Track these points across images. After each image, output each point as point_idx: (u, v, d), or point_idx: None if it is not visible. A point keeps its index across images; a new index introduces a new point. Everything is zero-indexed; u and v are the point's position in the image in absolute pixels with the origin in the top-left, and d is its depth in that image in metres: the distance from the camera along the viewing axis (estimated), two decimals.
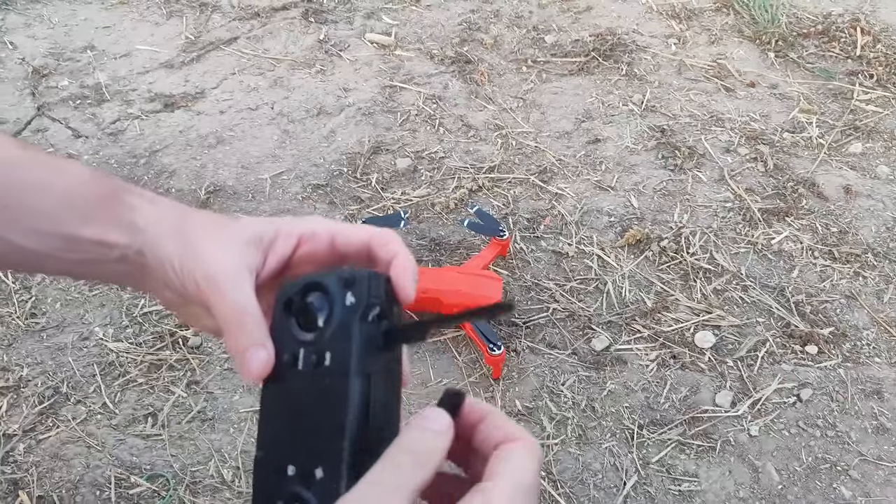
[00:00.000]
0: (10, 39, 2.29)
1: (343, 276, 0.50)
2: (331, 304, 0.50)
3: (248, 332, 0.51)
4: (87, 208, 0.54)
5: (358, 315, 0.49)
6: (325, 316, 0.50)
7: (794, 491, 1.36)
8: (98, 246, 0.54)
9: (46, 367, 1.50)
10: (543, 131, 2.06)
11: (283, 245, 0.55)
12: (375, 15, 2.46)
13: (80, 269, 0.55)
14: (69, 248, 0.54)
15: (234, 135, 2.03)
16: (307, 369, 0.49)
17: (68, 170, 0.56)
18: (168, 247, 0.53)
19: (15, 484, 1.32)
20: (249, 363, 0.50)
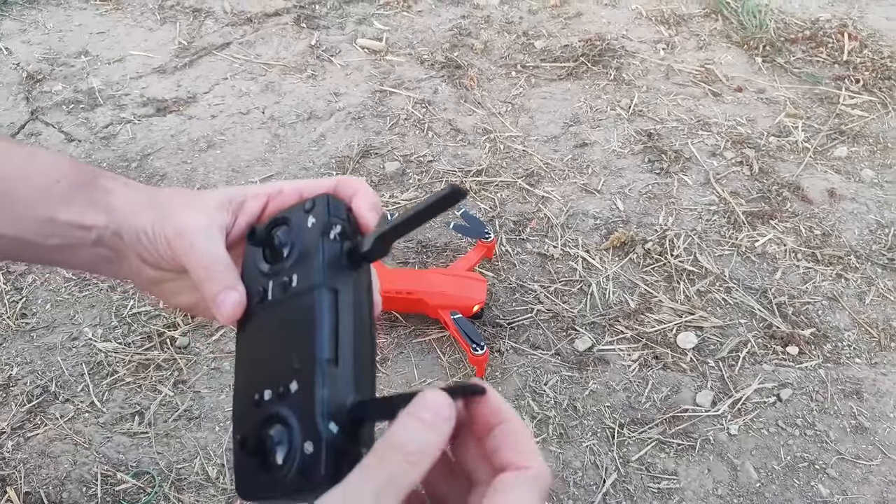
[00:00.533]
0: (4, 45, 2.32)
1: (303, 206, 0.52)
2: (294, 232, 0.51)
3: (220, 278, 0.52)
4: (64, 192, 0.55)
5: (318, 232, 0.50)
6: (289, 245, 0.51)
7: (772, 489, 1.38)
8: (75, 229, 0.55)
9: (35, 367, 1.52)
10: (531, 135, 2.08)
11: (252, 205, 0.56)
12: (367, 21, 2.48)
13: (57, 255, 0.57)
14: (46, 233, 0.55)
15: (225, 139, 2.05)
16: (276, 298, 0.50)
17: (43, 158, 0.57)
18: (142, 217, 0.55)
19: (3, 480, 1.34)
20: (222, 306, 0.52)
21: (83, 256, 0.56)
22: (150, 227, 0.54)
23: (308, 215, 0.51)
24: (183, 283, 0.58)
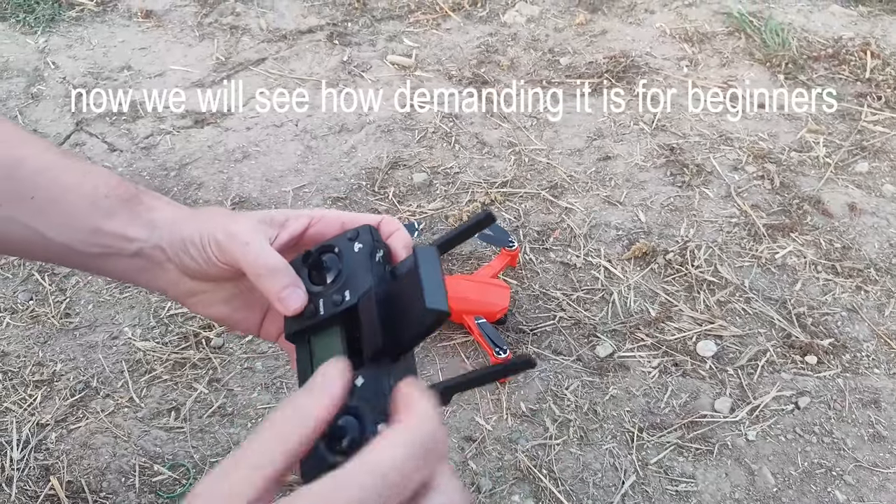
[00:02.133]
0: (52, 60, 2.43)
1: (347, 235, 0.58)
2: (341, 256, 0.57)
3: (282, 275, 0.57)
4: (111, 206, 0.60)
5: (367, 254, 0.56)
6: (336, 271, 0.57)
7: (789, 494, 1.40)
8: (117, 239, 0.60)
9: (78, 364, 1.60)
10: (556, 148, 2.14)
11: (295, 224, 0.61)
12: (397, 38, 2.56)
13: (98, 263, 0.61)
14: (91, 242, 0.60)
15: (259, 150, 2.13)
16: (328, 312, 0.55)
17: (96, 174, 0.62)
18: (188, 227, 0.59)
19: (47, 470, 1.41)
20: (287, 301, 0.56)
21: (122, 266, 0.61)
22: (199, 235, 0.58)
23: (353, 242, 0.57)
24: (217, 294, 0.63)
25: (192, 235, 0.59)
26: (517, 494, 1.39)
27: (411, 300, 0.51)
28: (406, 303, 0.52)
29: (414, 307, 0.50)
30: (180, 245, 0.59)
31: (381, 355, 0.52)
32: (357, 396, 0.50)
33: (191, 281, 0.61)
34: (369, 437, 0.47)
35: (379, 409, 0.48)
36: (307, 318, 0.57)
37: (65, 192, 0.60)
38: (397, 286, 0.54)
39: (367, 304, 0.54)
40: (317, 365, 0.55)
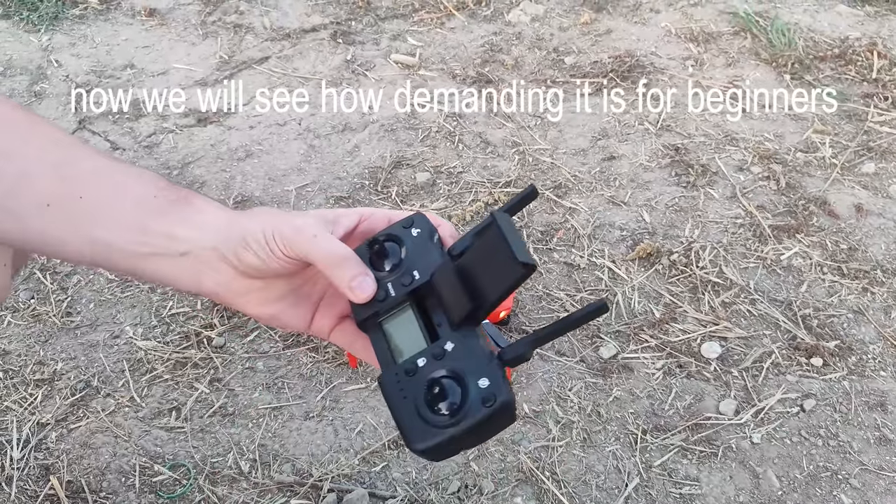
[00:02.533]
0: (55, 58, 2.42)
1: (402, 223, 0.63)
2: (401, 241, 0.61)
3: (353, 265, 0.60)
4: (160, 206, 0.61)
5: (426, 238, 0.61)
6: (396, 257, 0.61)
7: (794, 497, 1.39)
8: (166, 239, 0.60)
9: (79, 363, 1.59)
10: (560, 148, 2.12)
11: (346, 220, 0.65)
12: (401, 37, 2.55)
13: (144, 264, 0.61)
14: (139, 241, 0.60)
15: (262, 149, 2.12)
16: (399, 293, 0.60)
17: (145, 176, 0.63)
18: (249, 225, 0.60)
19: (46, 469, 1.40)
20: (359, 288, 0.60)
21: (167, 267, 0.61)
22: (261, 231, 0.59)
23: (410, 229, 0.62)
24: (269, 293, 0.64)
25: (255, 231, 0.60)
26: (519, 496, 1.38)
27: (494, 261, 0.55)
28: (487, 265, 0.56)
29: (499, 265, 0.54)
30: (240, 242, 0.60)
31: (467, 320, 0.56)
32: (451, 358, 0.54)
33: (244, 279, 0.62)
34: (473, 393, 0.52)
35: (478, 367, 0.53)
36: (378, 303, 0.60)
37: (114, 192, 0.61)
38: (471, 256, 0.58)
39: (444, 277, 0.58)
40: (395, 346, 0.59)
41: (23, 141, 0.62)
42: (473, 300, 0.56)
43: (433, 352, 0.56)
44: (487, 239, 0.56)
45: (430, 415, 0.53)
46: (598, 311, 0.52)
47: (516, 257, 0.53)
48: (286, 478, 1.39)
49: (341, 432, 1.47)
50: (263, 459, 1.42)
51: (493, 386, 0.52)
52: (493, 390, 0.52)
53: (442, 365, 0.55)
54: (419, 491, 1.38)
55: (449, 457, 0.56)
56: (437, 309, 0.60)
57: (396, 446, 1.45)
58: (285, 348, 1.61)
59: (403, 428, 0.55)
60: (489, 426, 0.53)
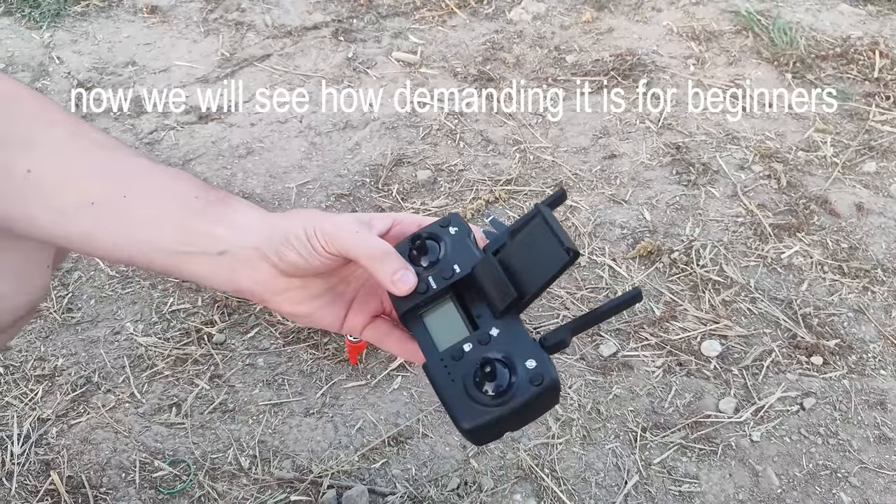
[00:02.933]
0: (57, 54, 2.43)
1: (440, 223, 0.66)
2: (439, 238, 0.65)
3: (395, 259, 0.63)
4: (200, 206, 0.63)
5: (464, 235, 0.65)
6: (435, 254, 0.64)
7: (794, 495, 1.39)
8: (206, 238, 0.62)
9: (80, 359, 1.59)
10: (561, 146, 2.12)
11: (380, 223, 0.68)
12: (402, 34, 2.55)
13: (182, 262, 0.63)
14: (179, 239, 0.62)
15: (263, 146, 2.12)
16: (441, 285, 0.62)
17: (186, 177, 0.66)
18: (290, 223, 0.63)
19: (47, 464, 1.41)
20: (401, 281, 0.62)
21: (204, 265, 0.63)
22: (303, 228, 0.62)
23: (447, 228, 0.65)
24: (305, 292, 0.66)
25: (296, 229, 0.62)
26: (519, 493, 1.38)
27: (538, 250, 0.58)
28: (531, 255, 0.59)
29: (544, 253, 0.57)
30: (281, 240, 0.62)
31: (512, 307, 0.59)
32: (498, 342, 0.57)
33: (283, 278, 0.64)
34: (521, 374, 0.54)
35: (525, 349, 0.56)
36: (419, 295, 0.63)
37: (156, 192, 0.63)
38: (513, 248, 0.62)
39: (486, 269, 0.61)
40: (437, 336, 0.62)
41: (67, 142, 0.63)
42: (518, 288, 0.58)
43: (479, 337, 0.59)
44: (530, 230, 0.60)
45: (479, 395, 0.55)
46: (633, 300, 0.56)
47: (562, 243, 0.56)
48: (286, 474, 1.39)
49: (341, 429, 1.47)
50: (263, 456, 1.42)
51: (540, 366, 0.55)
52: (540, 370, 0.55)
53: (489, 348, 0.57)
54: (419, 487, 1.38)
55: (493, 439, 0.59)
56: (477, 301, 0.62)
57: (396, 443, 1.45)
58: (285, 345, 1.61)
59: (452, 409, 0.57)
60: (536, 406, 0.56)
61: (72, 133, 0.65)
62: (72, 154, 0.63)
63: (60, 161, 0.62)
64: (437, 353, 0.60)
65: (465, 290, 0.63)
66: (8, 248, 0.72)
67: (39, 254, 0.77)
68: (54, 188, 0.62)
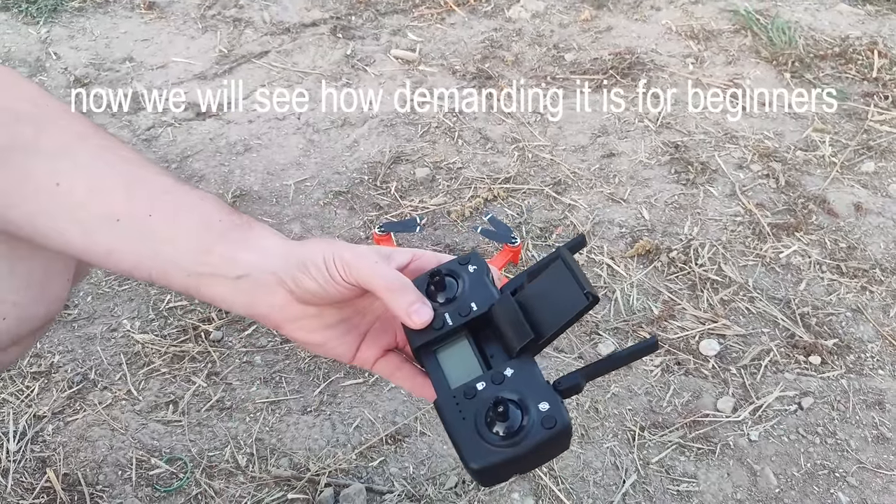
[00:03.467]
0: (54, 50, 2.42)
1: (459, 260, 0.66)
2: (458, 276, 0.65)
3: (411, 292, 0.63)
4: (223, 230, 0.64)
5: (483, 273, 0.64)
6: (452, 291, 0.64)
7: (792, 495, 1.39)
8: (226, 261, 0.63)
9: (76, 355, 1.58)
10: (559, 145, 2.12)
11: (400, 257, 0.68)
12: (401, 32, 2.54)
13: (201, 282, 0.64)
14: (200, 260, 0.63)
15: (261, 143, 2.12)
16: (457, 322, 0.62)
17: (210, 199, 0.66)
18: (309, 251, 0.63)
19: (43, 462, 1.40)
20: (416, 314, 0.62)
21: (222, 288, 0.64)
22: (321, 256, 0.62)
23: (466, 266, 0.65)
24: (320, 321, 0.66)
25: (315, 257, 0.62)
26: (517, 492, 1.38)
27: (557, 292, 0.58)
28: (550, 297, 0.59)
29: (563, 296, 0.57)
30: (299, 266, 0.62)
31: (528, 348, 0.59)
32: (512, 384, 0.57)
33: (298, 305, 0.64)
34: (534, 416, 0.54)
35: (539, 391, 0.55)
36: (434, 331, 0.63)
37: (181, 212, 0.64)
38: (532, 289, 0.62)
39: (504, 308, 0.61)
40: (450, 373, 0.62)
41: (96, 156, 0.64)
42: (535, 329, 0.58)
43: (492, 377, 0.58)
44: (550, 273, 0.60)
45: (490, 434, 0.55)
46: (650, 349, 0.56)
47: (582, 287, 0.56)
48: (283, 472, 1.39)
49: (339, 427, 1.47)
50: (260, 453, 1.42)
51: (553, 409, 0.55)
52: (553, 414, 0.54)
53: (503, 388, 0.57)
54: (416, 486, 1.38)
55: (501, 481, 0.59)
56: (491, 341, 0.62)
57: (394, 441, 1.45)
58: (283, 342, 1.61)
59: (461, 447, 0.56)
60: (546, 450, 0.55)
61: (102, 147, 0.65)
62: (100, 169, 0.64)
63: (88, 175, 0.63)
64: (450, 390, 0.60)
65: (481, 328, 0.63)
66: (30, 258, 0.72)
67: (61, 265, 0.78)
68: (81, 202, 0.62)
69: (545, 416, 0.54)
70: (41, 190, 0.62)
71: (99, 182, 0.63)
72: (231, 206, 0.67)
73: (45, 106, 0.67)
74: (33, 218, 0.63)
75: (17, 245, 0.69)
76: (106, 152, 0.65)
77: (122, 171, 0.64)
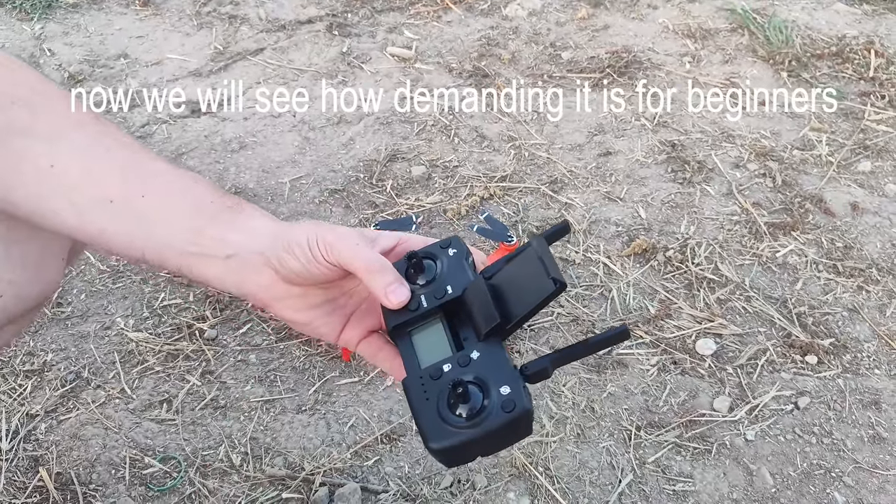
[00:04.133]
0: (48, 46, 2.40)
1: (440, 244, 0.67)
2: (437, 258, 0.65)
3: (390, 273, 0.64)
4: (214, 211, 0.66)
5: (461, 257, 0.65)
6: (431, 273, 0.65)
7: (788, 495, 1.39)
8: (217, 242, 0.65)
9: (69, 354, 1.57)
10: (556, 143, 2.11)
11: (384, 241, 0.69)
12: (397, 29, 2.54)
13: (192, 262, 0.66)
14: (191, 241, 0.65)
15: (256, 140, 2.11)
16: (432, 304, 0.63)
17: (202, 182, 0.68)
18: (295, 232, 0.65)
19: (36, 461, 1.39)
20: (394, 294, 0.64)
21: (213, 268, 0.66)
22: (306, 237, 0.63)
23: (447, 249, 0.66)
24: (305, 300, 0.68)
25: (300, 238, 0.64)
26: (512, 492, 1.37)
27: (527, 279, 0.59)
28: (519, 282, 0.60)
29: (531, 282, 0.58)
30: (285, 247, 0.64)
31: (495, 332, 0.59)
32: (477, 366, 0.57)
33: (284, 285, 0.66)
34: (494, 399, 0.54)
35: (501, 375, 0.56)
36: (410, 312, 0.63)
37: (174, 194, 0.66)
38: (504, 274, 0.62)
39: (476, 291, 0.62)
40: (422, 354, 0.62)
41: (92, 140, 0.66)
42: (502, 313, 0.59)
43: (459, 359, 0.59)
44: (521, 259, 0.60)
45: (451, 416, 0.55)
46: (620, 337, 0.56)
47: (548, 273, 0.56)
48: (278, 471, 1.38)
49: (334, 426, 1.46)
50: (255, 453, 1.41)
51: (514, 394, 0.55)
52: (513, 397, 0.54)
53: (467, 370, 0.57)
54: (412, 486, 1.37)
55: (462, 462, 0.59)
56: (466, 324, 0.63)
57: (389, 440, 1.44)
58: (278, 341, 1.60)
59: (422, 427, 0.57)
60: (506, 433, 0.55)
61: (98, 132, 0.67)
62: (95, 152, 0.65)
63: (83, 158, 0.65)
64: (419, 370, 0.61)
65: (456, 311, 0.64)
66: (26, 238, 0.74)
67: (56, 245, 0.79)
68: (76, 184, 0.64)
69: (506, 399, 0.54)
70: (36, 171, 0.64)
71: (93, 164, 0.65)
72: (223, 189, 0.69)
73: (42, 92, 0.69)
74: (29, 199, 0.65)
75: (15, 226, 0.70)
76: (102, 136, 0.67)
77: (116, 155, 0.66)
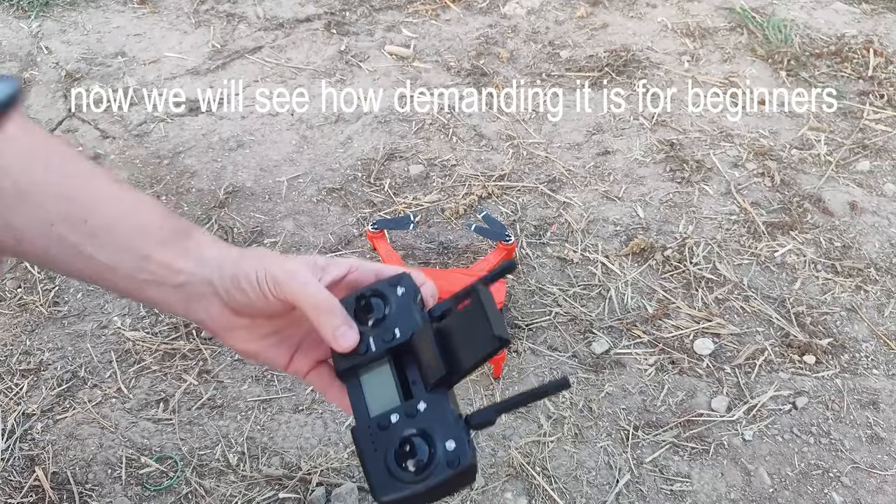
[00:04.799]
0: (45, 44, 2.39)
1: (389, 281, 0.66)
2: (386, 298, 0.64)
3: (339, 314, 0.63)
4: (163, 237, 0.63)
5: (410, 298, 0.64)
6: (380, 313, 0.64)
7: (786, 495, 1.39)
8: (166, 269, 0.62)
9: (66, 353, 1.57)
10: (554, 142, 2.11)
11: (335, 270, 0.66)
12: (396, 28, 2.53)
13: (142, 289, 0.64)
14: (139, 267, 0.62)
15: (254, 139, 2.10)
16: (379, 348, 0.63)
17: (150, 205, 0.65)
18: (245, 264, 0.63)
19: (32, 460, 1.39)
20: (342, 338, 0.62)
21: (163, 294, 0.64)
22: (254, 271, 0.62)
23: (396, 287, 0.65)
24: (254, 331, 0.66)
25: (248, 271, 0.62)
26: (510, 492, 1.37)
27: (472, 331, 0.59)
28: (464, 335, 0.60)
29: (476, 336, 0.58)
30: (232, 280, 0.62)
31: (442, 383, 0.59)
32: (423, 419, 0.58)
33: (232, 315, 0.64)
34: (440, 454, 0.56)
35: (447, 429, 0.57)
36: (358, 355, 0.63)
37: (119, 219, 0.63)
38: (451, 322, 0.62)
39: (423, 339, 0.62)
40: (369, 398, 0.63)
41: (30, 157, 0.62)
42: (448, 366, 0.59)
43: (406, 410, 0.60)
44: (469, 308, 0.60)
45: (398, 470, 0.57)
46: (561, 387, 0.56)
47: (493, 331, 0.56)
48: (274, 471, 1.38)
49: (330, 426, 1.46)
50: (252, 452, 1.41)
51: (458, 449, 0.56)
52: (458, 453, 0.56)
53: (414, 423, 0.58)
54: None
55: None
56: (414, 367, 0.63)
57: None
58: None
59: (371, 479, 0.58)
60: (451, 486, 0.57)
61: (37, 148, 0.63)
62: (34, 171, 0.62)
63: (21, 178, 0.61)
64: (367, 418, 0.62)
65: (404, 354, 0.64)
66: None
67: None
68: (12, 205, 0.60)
69: (451, 455, 0.56)
70: None
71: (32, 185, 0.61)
72: (171, 212, 0.67)
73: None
74: None
75: None
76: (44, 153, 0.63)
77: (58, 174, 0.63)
